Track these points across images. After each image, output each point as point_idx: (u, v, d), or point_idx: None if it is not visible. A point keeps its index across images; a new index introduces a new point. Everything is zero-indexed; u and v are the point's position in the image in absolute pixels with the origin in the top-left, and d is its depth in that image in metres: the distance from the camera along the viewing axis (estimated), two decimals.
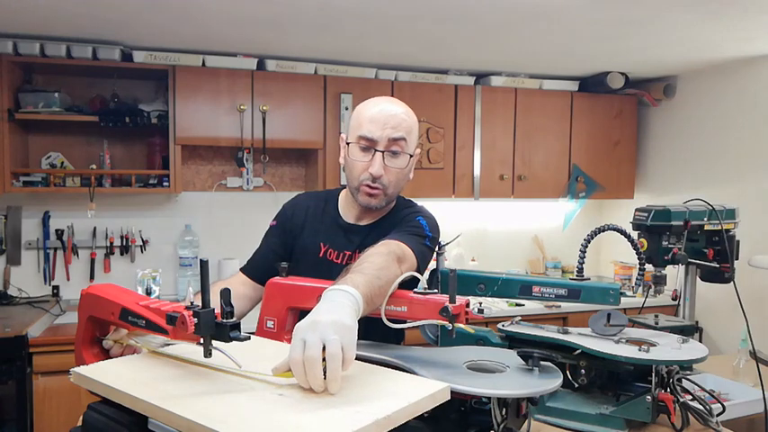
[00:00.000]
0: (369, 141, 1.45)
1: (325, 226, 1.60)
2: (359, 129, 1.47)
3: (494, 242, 4.14)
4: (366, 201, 1.49)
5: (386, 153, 1.45)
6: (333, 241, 1.57)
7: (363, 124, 1.46)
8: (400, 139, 1.45)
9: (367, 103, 1.52)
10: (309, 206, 1.64)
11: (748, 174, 3.38)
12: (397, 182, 1.50)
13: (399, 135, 1.45)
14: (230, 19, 2.64)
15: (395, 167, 1.47)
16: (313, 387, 0.88)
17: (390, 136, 1.44)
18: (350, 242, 1.56)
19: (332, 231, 1.59)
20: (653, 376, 1.34)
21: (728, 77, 3.50)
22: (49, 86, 3.12)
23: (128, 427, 0.91)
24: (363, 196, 1.49)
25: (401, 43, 3.05)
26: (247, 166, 3.48)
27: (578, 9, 2.47)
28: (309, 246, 1.58)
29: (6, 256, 3.26)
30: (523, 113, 3.80)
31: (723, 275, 2.06)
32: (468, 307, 1.13)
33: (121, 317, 1.07)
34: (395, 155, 1.46)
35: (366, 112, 1.48)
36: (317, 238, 1.59)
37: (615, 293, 1.42)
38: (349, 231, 1.58)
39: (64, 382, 2.61)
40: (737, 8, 2.44)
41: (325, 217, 1.62)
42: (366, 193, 1.48)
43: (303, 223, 1.62)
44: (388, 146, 1.45)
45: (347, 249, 1.55)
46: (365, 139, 1.45)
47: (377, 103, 1.50)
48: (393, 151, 1.46)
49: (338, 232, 1.58)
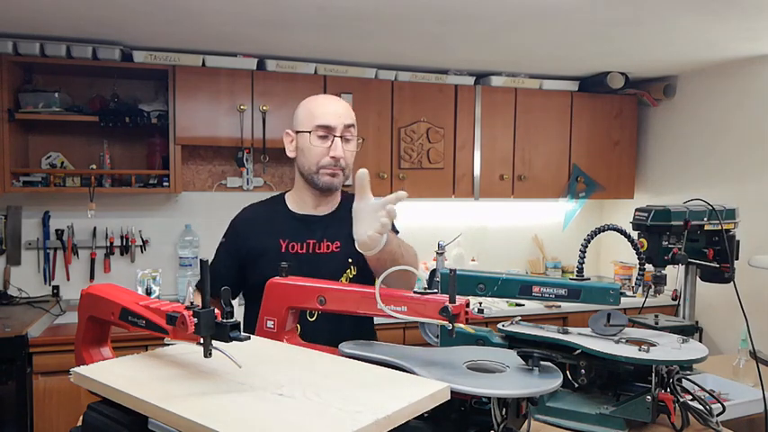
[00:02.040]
0: (327, 129, 1.61)
1: (281, 224, 1.67)
2: (314, 119, 1.62)
3: (494, 242, 4.14)
4: (329, 181, 1.65)
5: (342, 138, 1.62)
6: (292, 235, 1.65)
7: (319, 115, 1.62)
8: (351, 125, 1.65)
9: (315, 98, 1.70)
10: (257, 215, 1.74)
11: (748, 174, 3.38)
12: (351, 164, 1.68)
13: (351, 122, 1.65)
14: (230, 19, 2.64)
15: (349, 150, 1.66)
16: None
17: (345, 123, 1.62)
18: (311, 231, 1.65)
19: (289, 226, 1.67)
20: (653, 376, 1.33)
21: (728, 77, 3.50)
22: (49, 86, 3.12)
23: (128, 427, 0.91)
24: (325, 177, 1.64)
25: (401, 43, 3.05)
26: (247, 166, 3.48)
27: (578, 9, 2.47)
28: (268, 246, 1.64)
29: (6, 256, 3.26)
30: (523, 113, 3.80)
31: (723, 275, 2.06)
32: (468, 307, 1.13)
33: (121, 317, 1.07)
34: (347, 141, 1.65)
35: (319, 106, 1.65)
36: (274, 237, 1.65)
37: (615, 293, 1.42)
38: (307, 222, 1.67)
39: (64, 382, 2.61)
40: (737, 8, 2.44)
41: (277, 217, 1.70)
42: (328, 173, 1.64)
43: (254, 232, 1.69)
44: (344, 132, 1.63)
45: (310, 238, 1.64)
46: (323, 127, 1.61)
47: (324, 97, 1.71)
48: (347, 138, 1.64)
49: (296, 225, 1.67)
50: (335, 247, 1.66)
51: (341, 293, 1.30)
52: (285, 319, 1.37)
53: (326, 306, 1.31)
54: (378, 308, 1.19)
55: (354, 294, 1.28)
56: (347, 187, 1.75)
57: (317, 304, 1.31)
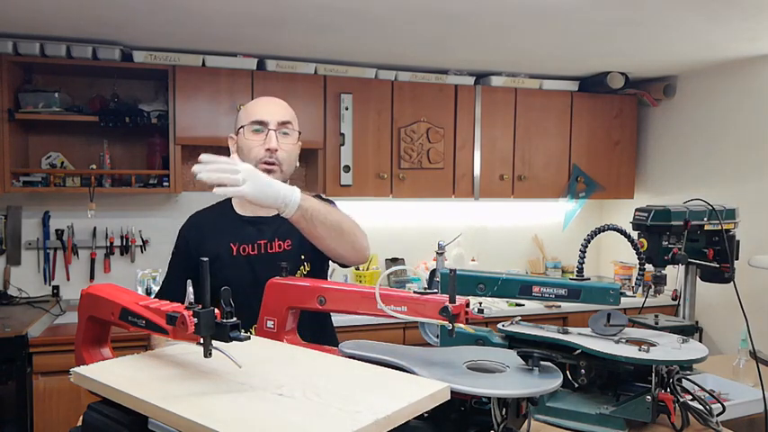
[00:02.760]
0: (261, 123, 1.63)
1: (229, 228, 1.68)
2: (249, 116, 1.65)
3: (494, 242, 4.14)
4: None
5: (277, 132, 1.63)
6: (243, 237, 1.64)
7: (253, 112, 1.65)
8: (287, 122, 1.65)
9: (252, 101, 1.74)
10: (204, 221, 1.74)
11: (748, 174, 3.38)
12: (289, 158, 1.66)
13: (286, 119, 1.65)
14: (230, 19, 2.64)
15: (287, 143, 1.65)
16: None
17: (279, 119, 1.64)
18: (261, 232, 1.65)
19: (238, 229, 1.67)
20: (653, 376, 1.33)
21: (728, 77, 3.50)
22: (49, 86, 3.12)
23: (128, 427, 0.91)
24: None
25: (401, 43, 3.05)
26: None
27: (578, 9, 2.47)
28: (219, 251, 1.63)
29: (6, 256, 3.26)
30: (523, 113, 3.80)
31: (723, 275, 2.06)
32: (468, 307, 1.13)
33: (121, 317, 1.06)
34: (285, 135, 1.65)
35: (254, 104, 1.69)
36: (224, 240, 1.65)
37: (615, 293, 1.42)
38: (256, 223, 1.67)
39: (64, 382, 2.61)
40: (737, 8, 2.44)
41: (224, 221, 1.70)
42: (264, 170, 1.59)
43: (203, 238, 1.68)
44: (278, 127, 1.63)
45: (261, 239, 1.64)
46: (257, 122, 1.63)
47: (261, 97, 1.74)
48: (283, 132, 1.64)
49: (245, 227, 1.67)
50: (287, 246, 1.65)
51: (341, 293, 1.30)
52: (285, 319, 1.37)
53: (326, 306, 1.31)
54: (378, 308, 1.19)
55: (354, 294, 1.28)
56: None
57: (317, 304, 1.31)
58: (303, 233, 1.47)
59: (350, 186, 3.46)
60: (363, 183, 3.49)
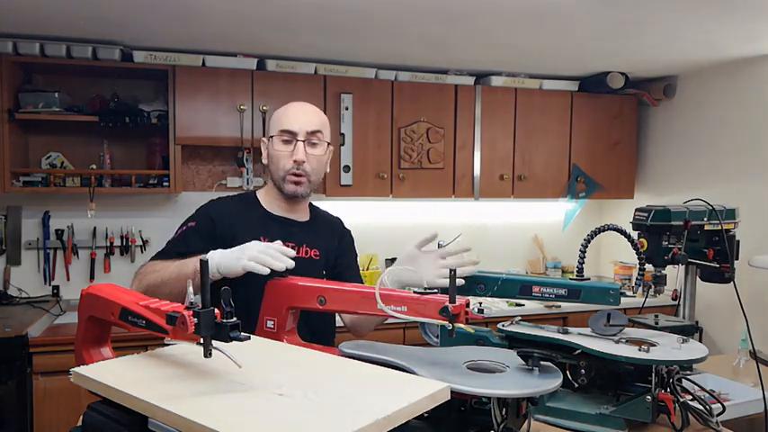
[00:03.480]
0: (289, 134, 1.62)
1: (260, 222, 1.66)
2: (279, 125, 1.63)
3: (494, 242, 4.14)
4: (293, 189, 1.64)
5: (306, 143, 1.62)
6: (272, 234, 1.60)
7: (283, 120, 1.64)
8: (317, 131, 1.63)
9: (284, 106, 1.70)
10: (233, 210, 1.68)
11: (748, 174, 3.38)
12: (318, 169, 1.66)
13: (315, 128, 1.63)
14: (230, 19, 2.64)
15: (315, 154, 1.64)
16: None
17: (307, 129, 1.62)
18: (290, 234, 1.64)
19: (267, 226, 1.65)
20: (653, 376, 1.33)
21: (728, 77, 3.49)
22: (49, 86, 3.12)
23: (128, 427, 0.91)
24: (290, 185, 1.63)
25: (401, 43, 3.05)
26: (247, 165, 3.48)
27: (578, 9, 2.47)
28: (249, 242, 1.57)
29: (6, 256, 3.26)
30: (523, 113, 3.80)
31: (723, 275, 2.06)
32: (468, 307, 1.13)
33: (121, 317, 1.06)
34: (313, 145, 1.63)
35: (284, 112, 1.66)
36: (254, 234, 1.59)
37: (615, 293, 1.42)
38: (285, 224, 1.67)
39: (64, 382, 2.60)
40: (737, 8, 2.44)
41: (253, 214, 1.68)
42: (292, 182, 1.63)
43: (233, 227, 1.63)
44: (307, 137, 1.62)
45: (290, 240, 1.60)
46: (286, 132, 1.62)
47: (292, 104, 1.70)
48: (312, 142, 1.63)
49: (274, 225, 1.66)
50: (314, 254, 1.66)
51: (341, 293, 1.30)
52: (285, 319, 1.37)
53: (327, 306, 1.31)
54: (378, 308, 1.19)
55: (354, 294, 1.28)
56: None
57: (317, 304, 1.32)
58: (357, 314, 1.47)
59: (350, 186, 3.46)
60: (363, 183, 3.49)
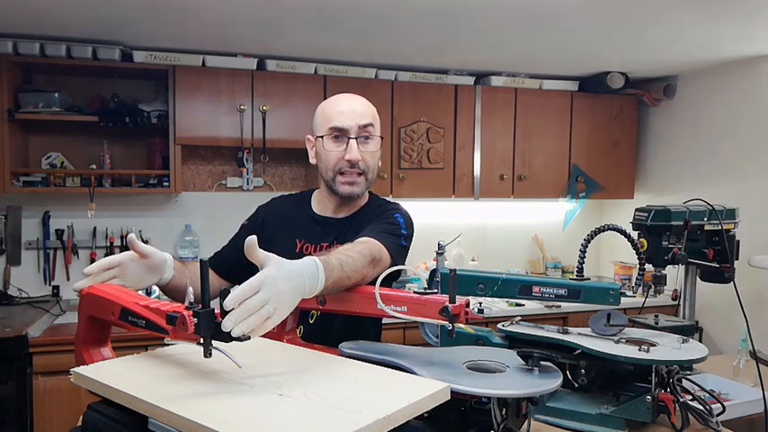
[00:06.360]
0: (341, 131, 1.53)
1: (300, 223, 1.64)
2: (329, 122, 1.55)
3: (494, 242, 4.14)
4: (348, 190, 1.55)
5: (358, 139, 1.53)
6: (309, 236, 1.60)
7: (333, 117, 1.55)
8: (368, 125, 1.55)
9: (330, 100, 1.62)
10: (283, 208, 1.69)
11: (748, 174, 3.38)
12: (373, 165, 1.57)
13: (367, 121, 1.55)
14: (230, 19, 2.64)
15: (368, 151, 1.56)
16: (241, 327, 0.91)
17: (359, 123, 1.53)
18: (326, 234, 1.60)
19: (307, 226, 1.63)
20: (653, 376, 1.33)
21: (728, 77, 3.50)
22: (49, 86, 3.12)
23: (128, 427, 0.91)
24: (344, 186, 1.55)
25: (401, 43, 3.05)
26: (247, 166, 3.48)
27: (578, 9, 2.47)
28: (286, 243, 1.60)
29: (6, 256, 3.26)
30: (523, 113, 3.80)
31: (723, 275, 2.06)
32: (468, 307, 1.13)
33: (121, 317, 1.07)
34: (366, 140, 1.55)
35: (332, 107, 1.57)
36: (293, 234, 1.61)
37: (615, 293, 1.42)
38: (324, 224, 1.62)
39: (64, 382, 2.61)
40: (737, 8, 2.44)
41: (299, 215, 1.66)
42: (346, 182, 1.54)
43: (276, 225, 1.65)
44: (359, 132, 1.54)
45: (324, 241, 1.58)
46: (337, 129, 1.53)
47: (339, 97, 1.61)
48: (364, 137, 1.55)
49: (313, 226, 1.62)
50: None
51: (341, 293, 1.30)
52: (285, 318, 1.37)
53: (326, 306, 1.31)
54: (378, 308, 1.19)
55: (354, 294, 1.28)
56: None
57: (317, 304, 1.31)
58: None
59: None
60: None
